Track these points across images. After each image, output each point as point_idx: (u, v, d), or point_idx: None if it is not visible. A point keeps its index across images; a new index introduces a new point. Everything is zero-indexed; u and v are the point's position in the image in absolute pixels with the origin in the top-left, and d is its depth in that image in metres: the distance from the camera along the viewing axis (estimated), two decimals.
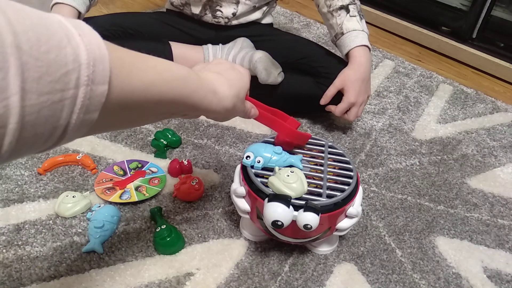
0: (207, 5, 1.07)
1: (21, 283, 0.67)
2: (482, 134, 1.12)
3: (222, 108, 0.49)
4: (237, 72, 0.54)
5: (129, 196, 0.81)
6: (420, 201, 0.89)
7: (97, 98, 0.29)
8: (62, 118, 0.27)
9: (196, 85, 0.44)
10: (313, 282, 0.71)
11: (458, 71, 1.44)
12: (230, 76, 0.52)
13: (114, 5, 1.62)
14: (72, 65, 0.26)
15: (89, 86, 0.27)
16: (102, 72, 0.28)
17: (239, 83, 0.53)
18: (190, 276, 0.70)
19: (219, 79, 0.50)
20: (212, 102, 0.47)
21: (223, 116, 0.53)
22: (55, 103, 0.26)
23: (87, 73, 0.27)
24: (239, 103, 0.53)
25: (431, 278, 0.74)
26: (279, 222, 0.60)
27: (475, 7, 1.42)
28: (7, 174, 0.85)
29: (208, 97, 0.46)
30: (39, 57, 0.24)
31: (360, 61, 0.95)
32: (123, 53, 0.34)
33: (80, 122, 0.28)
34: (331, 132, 1.06)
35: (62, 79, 0.26)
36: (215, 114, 0.50)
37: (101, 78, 0.28)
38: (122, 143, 0.96)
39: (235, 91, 0.51)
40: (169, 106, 0.41)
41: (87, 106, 0.28)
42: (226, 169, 0.92)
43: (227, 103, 0.50)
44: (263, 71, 0.98)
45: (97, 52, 0.28)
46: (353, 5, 0.99)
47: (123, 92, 0.32)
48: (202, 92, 0.45)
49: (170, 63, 0.40)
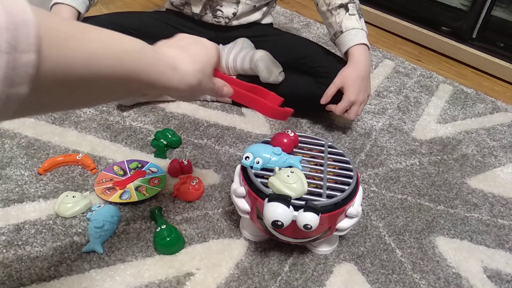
0: (208, 4, 1.07)
1: (21, 283, 0.67)
2: (482, 134, 1.12)
3: (186, 85, 0.45)
4: (202, 46, 0.50)
5: (129, 196, 0.81)
6: (420, 201, 0.89)
7: (23, 69, 0.25)
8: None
9: (152, 60, 0.40)
10: (313, 282, 0.71)
11: (458, 71, 1.44)
12: (194, 51, 0.48)
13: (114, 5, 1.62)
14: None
15: (12, 54, 0.24)
16: (26, 39, 0.25)
17: (204, 58, 0.49)
18: (190, 276, 0.70)
19: (180, 53, 0.46)
20: (173, 78, 0.43)
21: (188, 94, 0.49)
22: None
23: (7, 38, 0.24)
24: (206, 79, 0.49)
25: (431, 278, 0.74)
26: (279, 222, 0.60)
27: (475, 7, 1.42)
28: (7, 174, 0.85)
29: (167, 73, 0.42)
30: None
31: (359, 60, 0.95)
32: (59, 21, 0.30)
33: (6, 96, 0.25)
34: (331, 132, 1.06)
35: None
36: (179, 92, 0.46)
37: (26, 46, 0.25)
38: (122, 143, 0.96)
39: (199, 66, 0.47)
40: (121, 84, 0.37)
41: (11, 77, 0.25)
42: (226, 169, 0.92)
43: (191, 79, 0.46)
44: (264, 70, 0.98)
45: (20, 17, 0.25)
46: (352, 3, 0.99)
47: (59, 64, 0.29)
48: (159, 68, 0.41)
49: (120, 35, 0.36)
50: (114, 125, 1.00)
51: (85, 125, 0.99)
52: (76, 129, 0.98)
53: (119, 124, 1.00)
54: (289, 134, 0.74)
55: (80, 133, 0.97)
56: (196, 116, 1.06)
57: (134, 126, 1.00)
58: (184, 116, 1.05)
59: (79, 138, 0.95)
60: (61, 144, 0.93)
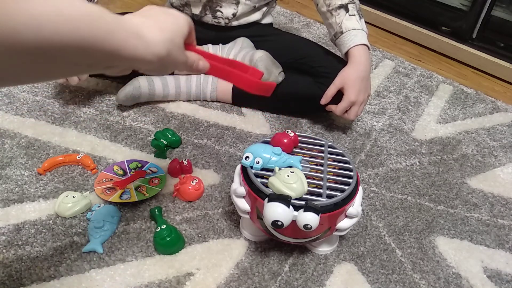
0: (207, 5, 1.07)
1: (21, 283, 0.67)
2: (482, 134, 1.12)
3: (153, 56, 0.42)
4: (170, 15, 0.48)
5: (129, 196, 0.81)
6: (420, 201, 0.89)
7: None
8: None
9: (112, 27, 0.37)
10: (313, 282, 0.71)
11: (458, 71, 1.44)
12: (160, 19, 0.45)
13: (114, 5, 1.62)
14: None
15: None
16: None
17: (172, 27, 0.46)
18: (190, 276, 0.70)
19: (145, 22, 0.43)
20: (137, 47, 0.40)
21: (157, 66, 0.46)
22: None
23: None
24: (176, 49, 0.47)
25: (431, 278, 0.74)
26: (279, 222, 0.60)
27: (475, 7, 1.42)
28: (7, 174, 0.85)
29: (130, 41, 0.39)
30: None
31: (359, 60, 0.95)
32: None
33: None
34: (331, 132, 1.06)
35: None
36: (147, 64, 0.43)
37: None
38: (122, 143, 0.96)
39: (167, 35, 0.45)
40: (80, 53, 0.34)
41: None
42: (226, 169, 0.92)
43: (159, 48, 0.43)
44: (264, 70, 0.98)
45: None
46: (352, 4, 0.99)
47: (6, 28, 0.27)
48: (121, 35, 0.38)
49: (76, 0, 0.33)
50: (114, 125, 1.00)
51: (85, 125, 0.99)
52: (76, 129, 0.98)
53: (119, 124, 1.01)
54: (289, 134, 0.74)
55: (80, 133, 0.97)
56: (196, 116, 1.06)
57: (134, 126, 1.00)
58: (184, 116, 1.05)
59: (79, 138, 0.95)
60: (61, 144, 0.93)
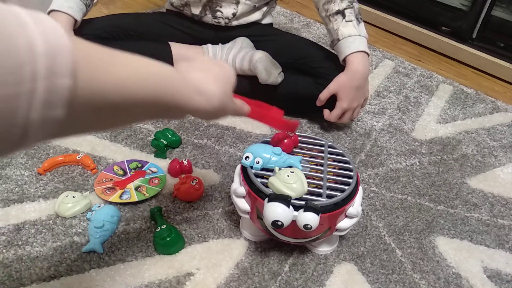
0: (207, 5, 1.07)
1: (21, 283, 0.67)
2: (482, 134, 1.12)
3: (212, 108, 0.47)
4: (221, 68, 0.52)
5: (129, 196, 0.81)
6: (420, 201, 0.89)
7: (61, 93, 0.26)
8: (19, 115, 0.24)
9: (180, 85, 0.41)
10: (313, 282, 0.71)
11: (458, 71, 1.44)
12: (215, 72, 0.49)
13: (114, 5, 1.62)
14: (26, 56, 0.24)
15: (49, 79, 0.25)
16: (64, 64, 0.26)
17: (224, 79, 0.50)
18: (190, 276, 0.70)
19: (204, 77, 0.47)
20: (199, 102, 0.45)
21: (213, 116, 0.50)
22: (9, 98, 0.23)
23: (46, 64, 0.25)
24: (228, 99, 0.51)
25: (431, 278, 0.74)
26: (279, 222, 0.60)
27: (475, 7, 1.42)
28: (7, 174, 0.85)
29: (194, 97, 0.44)
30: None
31: (356, 69, 0.95)
32: (91, 47, 0.31)
33: (43, 120, 0.26)
34: (331, 132, 1.07)
35: (15, 71, 0.23)
36: (205, 115, 0.48)
37: (63, 70, 0.26)
38: (122, 143, 0.96)
39: (222, 88, 0.49)
40: (151, 107, 0.38)
41: (49, 101, 0.25)
42: (226, 169, 0.92)
43: (215, 101, 0.47)
44: (263, 71, 0.98)
45: (57, 43, 0.26)
46: (350, 9, 0.97)
47: (92, 88, 0.29)
48: (187, 92, 0.42)
49: (149, 60, 0.37)
50: None
51: None
52: None
53: None
54: (289, 134, 0.74)
55: None
56: None
57: (134, 126, 1.00)
58: None
59: (79, 138, 0.95)
60: (61, 144, 0.93)
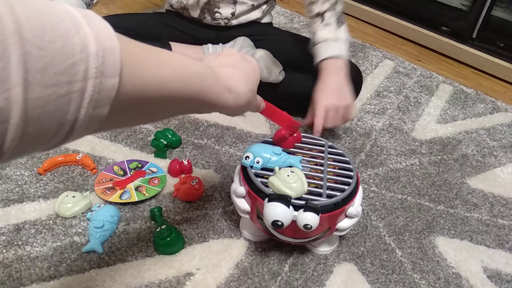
0: (205, 8, 1.07)
1: (21, 283, 0.67)
2: (482, 134, 1.12)
3: (238, 105, 0.48)
4: (250, 65, 0.52)
5: (129, 196, 0.81)
6: (420, 201, 0.89)
7: (107, 92, 0.27)
8: (70, 113, 0.25)
9: (213, 82, 0.42)
10: (313, 282, 0.71)
11: (458, 71, 1.44)
12: (244, 69, 0.50)
13: (114, 5, 1.62)
14: (80, 56, 0.24)
15: (98, 79, 0.26)
16: (112, 64, 0.27)
17: (253, 76, 0.51)
18: (190, 276, 0.70)
19: (234, 73, 0.48)
20: (228, 99, 0.45)
21: (238, 111, 0.51)
22: (62, 97, 0.24)
23: (96, 64, 0.25)
24: (253, 97, 0.52)
25: (431, 278, 0.74)
26: (279, 222, 0.60)
27: (475, 7, 1.42)
28: (7, 174, 0.85)
29: (224, 94, 0.44)
30: (43, 46, 0.23)
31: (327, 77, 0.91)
32: (136, 46, 0.32)
33: (89, 117, 0.27)
34: (331, 132, 1.06)
35: (69, 71, 0.24)
36: (231, 110, 0.48)
37: (112, 71, 0.27)
38: (122, 143, 0.96)
39: (250, 86, 0.49)
40: (184, 104, 0.39)
41: (96, 100, 0.26)
42: (226, 169, 0.92)
43: (243, 99, 0.48)
44: (264, 70, 0.98)
45: (107, 43, 0.26)
46: (331, 11, 0.94)
47: (135, 87, 0.30)
48: (218, 89, 0.43)
49: (185, 58, 0.38)
50: None
51: None
52: None
53: None
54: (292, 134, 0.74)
55: None
56: (196, 116, 1.06)
57: (134, 126, 1.00)
58: (184, 116, 1.05)
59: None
60: None
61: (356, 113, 1.15)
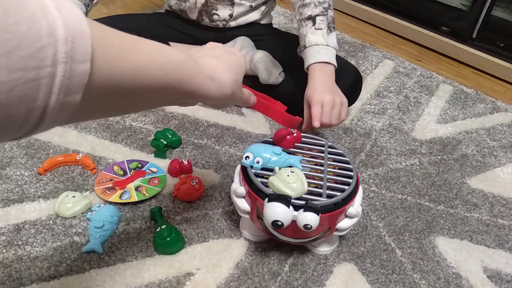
0: (203, 10, 1.07)
1: (21, 283, 0.67)
2: (482, 134, 1.12)
3: (222, 95, 0.47)
4: (234, 56, 0.51)
5: (129, 196, 0.81)
6: (420, 201, 0.89)
7: (78, 78, 0.26)
8: (39, 99, 0.25)
9: (193, 71, 0.41)
10: (313, 282, 0.71)
11: (458, 71, 1.44)
12: (227, 60, 0.49)
13: (114, 5, 1.62)
14: (47, 40, 0.24)
15: (68, 64, 0.25)
16: (82, 49, 0.26)
17: (236, 68, 0.50)
18: (190, 276, 0.70)
19: (217, 63, 0.47)
20: (211, 89, 0.44)
21: (222, 103, 0.50)
22: (30, 82, 0.23)
23: (65, 49, 0.25)
24: (238, 88, 0.51)
25: (431, 278, 0.74)
26: (279, 222, 0.60)
27: (475, 7, 1.42)
28: (7, 174, 0.85)
29: (206, 83, 0.43)
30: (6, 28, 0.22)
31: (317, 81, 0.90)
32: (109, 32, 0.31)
33: (60, 104, 0.26)
34: (331, 132, 1.06)
35: (36, 55, 0.23)
36: (214, 101, 0.47)
37: (82, 56, 0.26)
38: (122, 143, 0.96)
39: (234, 76, 0.49)
40: (164, 93, 0.38)
41: (67, 86, 0.26)
42: (226, 169, 0.92)
43: (227, 89, 0.47)
44: (264, 71, 0.98)
45: (77, 28, 0.26)
46: (323, 16, 0.93)
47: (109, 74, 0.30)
48: (199, 78, 0.42)
49: (164, 46, 0.37)
50: (114, 125, 1.00)
51: (85, 125, 0.99)
52: (76, 129, 0.98)
53: (119, 124, 1.01)
54: (292, 132, 0.74)
55: (80, 133, 0.97)
56: (196, 116, 1.06)
57: (134, 126, 1.00)
58: (184, 116, 1.05)
59: (79, 138, 0.95)
60: (61, 144, 0.93)
61: (356, 113, 1.15)
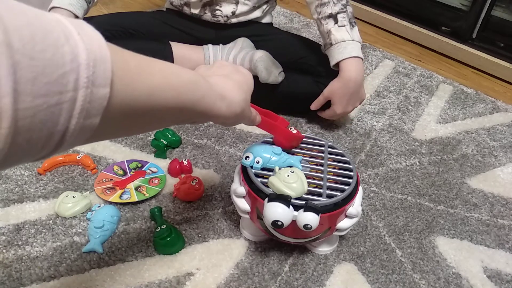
0: (207, 5, 1.07)
1: (21, 283, 0.67)
2: (482, 134, 1.12)
3: (232, 113, 0.47)
4: (242, 75, 0.52)
5: (129, 196, 0.81)
6: (420, 201, 0.89)
7: (98, 102, 0.27)
8: (60, 123, 0.25)
9: (205, 91, 0.42)
10: (313, 282, 0.71)
11: (458, 71, 1.44)
12: (236, 78, 0.50)
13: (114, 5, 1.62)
14: (70, 66, 0.24)
15: (89, 89, 0.26)
16: (103, 74, 0.26)
17: (245, 86, 0.51)
18: (190, 276, 0.70)
19: (227, 83, 0.48)
20: (221, 108, 0.45)
21: (231, 122, 0.51)
22: (52, 107, 0.24)
23: (87, 74, 0.25)
24: (247, 107, 0.51)
25: (431, 278, 0.74)
26: (279, 222, 0.60)
27: (475, 7, 1.42)
28: (7, 174, 0.85)
29: (217, 103, 0.44)
30: (33, 56, 0.22)
31: (349, 76, 0.93)
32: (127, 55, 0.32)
33: (80, 127, 0.26)
34: (331, 132, 1.06)
35: (60, 81, 0.24)
36: (224, 120, 0.48)
37: (102, 80, 0.26)
38: (122, 143, 0.96)
39: (243, 95, 0.49)
40: (176, 113, 0.38)
41: (87, 110, 0.26)
42: (226, 169, 0.92)
43: (237, 107, 0.48)
44: (263, 71, 0.98)
45: (98, 53, 0.26)
46: (343, 13, 0.96)
47: (127, 96, 0.30)
48: (211, 98, 0.43)
49: (177, 67, 0.38)
50: None
51: None
52: None
53: None
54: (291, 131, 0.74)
55: None
56: None
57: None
58: None
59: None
60: None
61: (356, 113, 1.14)
